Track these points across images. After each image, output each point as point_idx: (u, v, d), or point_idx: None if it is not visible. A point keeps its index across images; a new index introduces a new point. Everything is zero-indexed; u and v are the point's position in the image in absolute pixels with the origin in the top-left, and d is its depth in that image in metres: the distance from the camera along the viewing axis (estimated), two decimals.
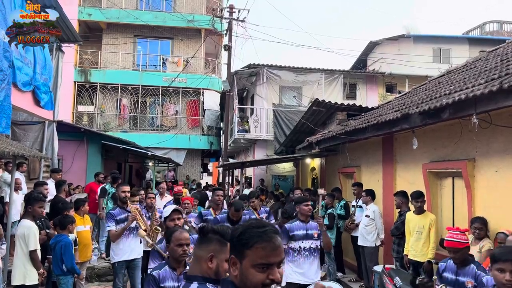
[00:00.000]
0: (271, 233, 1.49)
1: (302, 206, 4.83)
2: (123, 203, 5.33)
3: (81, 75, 19.38)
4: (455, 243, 3.43)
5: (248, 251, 1.46)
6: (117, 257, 5.29)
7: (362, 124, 6.93)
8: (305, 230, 4.80)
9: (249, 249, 1.46)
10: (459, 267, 3.47)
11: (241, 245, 1.48)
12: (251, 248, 1.46)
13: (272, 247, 1.46)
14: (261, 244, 1.45)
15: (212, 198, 6.22)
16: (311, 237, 4.79)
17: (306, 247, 4.74)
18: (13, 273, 4.72)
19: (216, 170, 27.49)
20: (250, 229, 1.50)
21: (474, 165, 5.03)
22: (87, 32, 20.00)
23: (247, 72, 15.56)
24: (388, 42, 20.29)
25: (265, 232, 1.48)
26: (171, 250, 3.05)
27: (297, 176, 14.40)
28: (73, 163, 12.08)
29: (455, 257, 3.44)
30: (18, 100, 7.63)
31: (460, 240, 3.42)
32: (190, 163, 20.93)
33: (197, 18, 19.72)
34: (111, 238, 5.28)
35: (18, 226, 4.92)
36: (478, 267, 3.40)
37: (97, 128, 18.54)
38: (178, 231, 3.13)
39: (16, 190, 7.38)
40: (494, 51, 7.09)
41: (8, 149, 6.06)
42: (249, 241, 1.47)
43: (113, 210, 5.35)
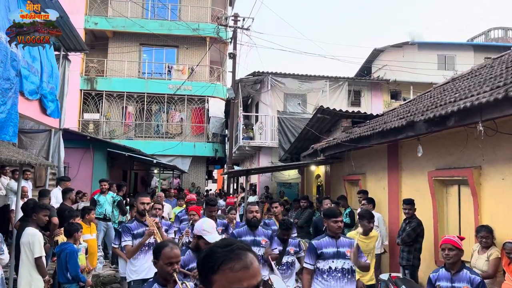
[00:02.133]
0: (238, 249, 1.24)
1: (331, 222, 4.12)
2: (141, 215, 4.80)
3: (87, 83, 19.55)
4: (452, 241, 3.54)
5: (215, 277, 1.20)
6: (133, 276, 4.74)
7: (367, 131, 6.92)
8: (336, 248, 4.12)
9: (215, 274, 1.20)
10: (453, 273, 3.52)
11: (206, 270, 1.24)
12: (217, 271, 1.20)
13: (242, 265, 1.20)
14: (228, 264, 1.20)
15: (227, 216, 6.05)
16: (344, 255, 4.10)
17: (338, 267, 4.05)
18: (18, 281, 4.73)
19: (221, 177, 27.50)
20: (214, 249, 1.27)
21: (480, 173, 5.00)
22: (93, 40, 20.18)
23: (252, 79, 15.63)
24: (393, 49, 20.33)
25: (231, 249, 1.23)
26: (160, 268, 2.79)
27: (302, 184, 14.37)
28: (79, 171, 12.14)
29: (449, 255, 3.50)
30: (25, 108, 7.70)
31: (457, 241, 3.55)
32: (195, 170, 20.96)
33: (202, 26, 19.86)
34: (127, 255, 4.84)
35: (23, 234, 4.93)
36: (470, 271, 3.50)
37: (103, 135, 18.65)
38: (168, 246, 2.82)
39: (23, 198, 7.42)
40: (499, 58, 7.07)
41: (15, 157, 6.12)
42: (214, 264, 1.21)
43: (130, 223, 4.87)
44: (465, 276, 3.44)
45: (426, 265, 5.93)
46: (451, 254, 3.51)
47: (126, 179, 12.79)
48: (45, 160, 9.05)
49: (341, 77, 15.88)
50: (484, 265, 4.38)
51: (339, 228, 4.11)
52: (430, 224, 6.03)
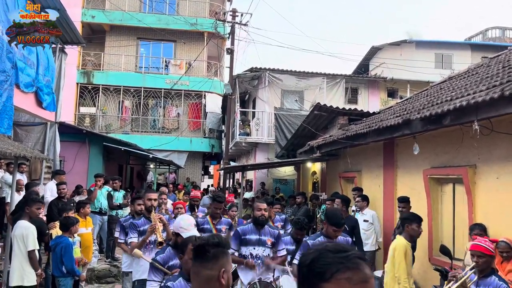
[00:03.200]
0: (356, 258, 1.10)
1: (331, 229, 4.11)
2: (149, 212, 4.80)
3: (84, 76, 19.45)
4: (482, 247, 3.35)
5: (326, 285, 1.07)
6: (137, 275, 4.67)
7: (364, 129, 6.93)
8: None
9: (327, 282, 1.06)
10: (480, 277, 3.38)
11: (314, 275, 1.09)
12: (330, 280, 1.06)
13: (362, 278, 1.07)
14: (345, 274, 1.06)
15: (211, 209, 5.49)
16: None
17: None
18: (11, 274, 4.73)
19: (217, 173, 27.49)
20: (326, 253, 1.11)
21: (475, 172, 5.03)
22: (90, 34, 20.07)
23: (249, 75, 15.60)
24: (390, 47, 20.35)
25: (347, 257, 1.09)
26: (185, 263, 2.84)
27: (298, 180, 14.40)
28: (75, 165, 12.09)
29: (478, 263, 3.34)
30: (21, 101, 7.65)
31: (488, 247, 3.36)
32: (191, 166, 20.95)
33: (200, 21, 19.79)
34: (129, 251, 4.82)
35: (16, 227, 4.91)
36: (499, 278, 3.34)
37: (99, 129, 18.59)
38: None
39: (18, 191, 7.40)
40: (496, 58, 7.09)
41: (10, 150, 6.08)
42: (326, 271, 1.07)
43: (137, 220, 4.87)
44: (493, 282, 3.29)
45: (420, 263, 5.96)
46: (480, 261, 3.35)
47: (122, 174, 12.76)
48: (41, 153, 9.01)
49: (338, 75, 15.88)
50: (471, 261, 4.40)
51: (336, 237, 4.15)
52: (424, 222, 6.02)
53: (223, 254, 1.87)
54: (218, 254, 1.85)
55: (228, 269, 1.85)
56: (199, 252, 1.87)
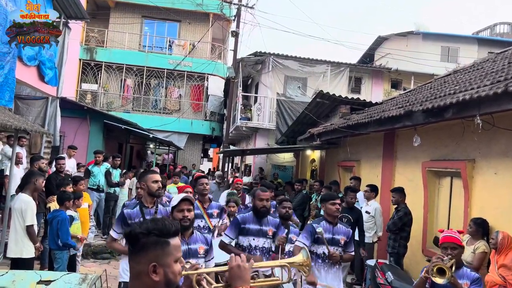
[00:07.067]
0: None
1: (329, 205, 4.07)
2: (152, 197, 3.80)
3: (87, 53, 19.31)
4: (456, 239, 3.21)
5: None
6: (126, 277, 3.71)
7: (365, 118, 6.92)
8: (332, 234, 4.03)
9: None
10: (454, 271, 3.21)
11: None
12: None
13: None
14: None
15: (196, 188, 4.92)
16: (337, 243, 4.01)
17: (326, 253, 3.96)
18: (9, 246, 4.77)
19: (216, 156, 27.52)
20: None
21: (474, 166, 5.04)
22: (94, 10, 19.85)
23: (253, 59, 15.48)
24: (397, 38, 20.14)
25: None
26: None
27: (296, 167, 14.43)
28: (75, 141, 12.08)
29: (453, 255, 3.16)
30: (23, 74, 7.62)
31: (459, 237, 3.25)
32: (191, 148, 20.97)
33: (206, 2, 19.52)
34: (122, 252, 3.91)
35: (16, 199, 4.94)
36: (471, 270, 3.28)
37: (100, 107, 18.54)
38: None
39: (17, 164, 7.41)
40: (502, 53, 7.04)
41: (11, 122, 6.08)
42: None
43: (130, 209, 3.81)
44: (465, 273, 3.17)
45: (413, 253, 6.03)
46: (455, 253, 3.16)
47: (122, 152, 12.75)
48: (41, 127, 9.01)
49: (343, 63, 15.77)
50: (469, 256, 4.45)
51: (338, 210, 4.10)
52: (420, 213, 6.10)
53: (156, 244, 1.50)
54: (148, 245, 1.50)
55: (166, 262, 1.50)
56: (129, 241, 1.55)
